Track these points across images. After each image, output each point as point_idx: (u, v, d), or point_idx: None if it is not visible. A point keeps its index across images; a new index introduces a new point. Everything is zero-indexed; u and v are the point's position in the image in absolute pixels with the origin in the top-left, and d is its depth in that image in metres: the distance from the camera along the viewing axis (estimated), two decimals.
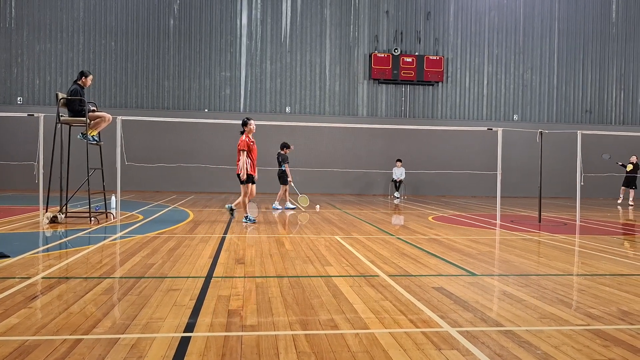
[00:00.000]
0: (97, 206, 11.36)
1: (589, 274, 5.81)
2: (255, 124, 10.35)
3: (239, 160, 10.05)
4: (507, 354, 3.21)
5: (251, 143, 10.13)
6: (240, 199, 10.35)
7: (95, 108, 10.22)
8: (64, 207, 9.76)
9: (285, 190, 14.21)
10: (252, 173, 10.15)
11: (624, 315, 4.10)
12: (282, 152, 14.15)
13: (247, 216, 10.18)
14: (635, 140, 21.49)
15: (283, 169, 13.98)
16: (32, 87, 20.95)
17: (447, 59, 23.05)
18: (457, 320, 3.90)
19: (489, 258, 6.75)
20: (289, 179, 14.07)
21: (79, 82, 9.82)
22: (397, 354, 3.17)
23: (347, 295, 4.57)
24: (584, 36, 23.81)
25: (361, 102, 22.67)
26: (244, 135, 10.12)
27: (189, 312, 3.98)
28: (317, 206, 14.59)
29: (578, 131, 11.70)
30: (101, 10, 21.27)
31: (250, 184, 10.20)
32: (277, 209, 13.81)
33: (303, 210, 13.70)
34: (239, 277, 5.29)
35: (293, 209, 13.93)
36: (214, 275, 5.34)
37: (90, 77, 9.95)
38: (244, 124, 10.19)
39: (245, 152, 10.00)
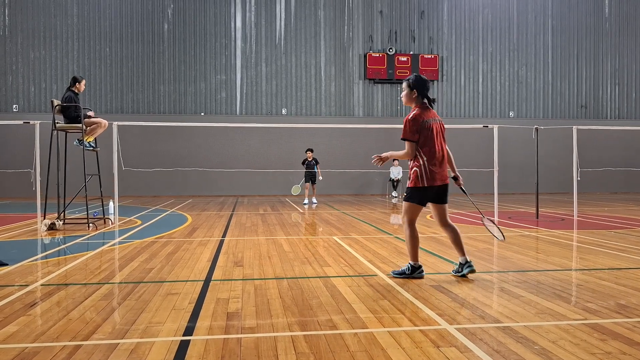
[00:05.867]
0: (95, 212, 11.36)
1: (586, 269, 5.83)
2: (253, 126, 9.44)
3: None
4: (505, 350, 3.23)
5: (423, 119, 5.36)
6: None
7: (91, 114, 10.24)
8: (62, 214, 9.75)
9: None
10: (431, 183, 5.40)
11: (621, 309, 4.12)
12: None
13: (414, 270, 5.30)
14: (630, 135, 21.59)
15: (316, 170, 16.47)
16: (28, 95, 20.92)
17: (442, 57, 23.08)
18: (455, 317, 3.92)
19: (487, 255, 6.77)
20: (320, 178, 16.66)
21: (73, 89, 9.84)
22: (396, 353, 3.18)
23: (346, 295, 4.58)
24: (577, 32, 23.87)
25: (357, 102, 22.69)
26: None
27: (188, 315, 3.99)
28: (314, 200, 16.78)
29: (574, 126, 11.73)
30: (95, 16, 21.25)
31: (419, 203, 5.55)
32: (314, 203, 16.43)
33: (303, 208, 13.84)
34: (237, 279, 5.30)
35: (315, 204, 16.39)
36: (212, 278, 5.35)
37: (83, 81, 9.98)
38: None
39: (409, 144, 5.48)
